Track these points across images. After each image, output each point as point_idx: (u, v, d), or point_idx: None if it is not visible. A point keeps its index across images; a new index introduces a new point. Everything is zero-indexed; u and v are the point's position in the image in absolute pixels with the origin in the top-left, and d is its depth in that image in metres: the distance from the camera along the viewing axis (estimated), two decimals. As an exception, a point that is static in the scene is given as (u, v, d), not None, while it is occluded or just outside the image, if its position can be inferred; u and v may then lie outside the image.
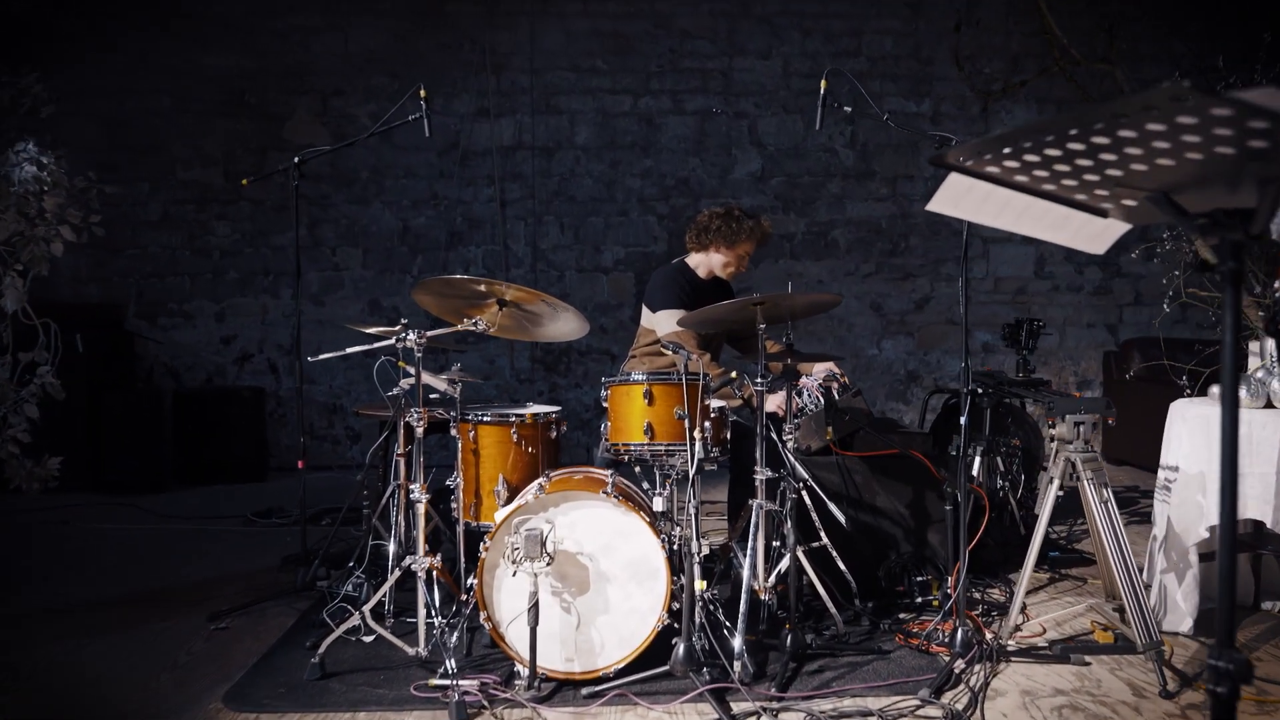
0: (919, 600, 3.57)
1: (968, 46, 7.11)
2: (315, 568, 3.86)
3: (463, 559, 3.43)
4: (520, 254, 7.06)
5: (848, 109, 3.21)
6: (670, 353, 3.04)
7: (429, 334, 2.96)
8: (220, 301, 7.00)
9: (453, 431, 3.48)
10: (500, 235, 7.02)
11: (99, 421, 6.15)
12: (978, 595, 3.71)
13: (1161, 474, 3.42)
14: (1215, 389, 3.39)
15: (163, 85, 6.86)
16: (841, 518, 3.14)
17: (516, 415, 3.44)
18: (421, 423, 2.95)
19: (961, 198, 1.40)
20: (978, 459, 4.29)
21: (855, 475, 3.75)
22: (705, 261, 4.09)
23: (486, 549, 2.91)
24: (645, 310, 4.08)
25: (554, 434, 3.53)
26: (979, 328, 7.21)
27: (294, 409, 6.98)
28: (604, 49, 7.02)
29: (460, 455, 3.46)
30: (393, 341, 2.94)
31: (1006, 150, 1.36)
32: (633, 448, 3.07)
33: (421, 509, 2.93)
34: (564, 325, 3.19)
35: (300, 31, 6.91)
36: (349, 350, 2.94)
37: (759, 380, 3.09)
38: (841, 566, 3.46)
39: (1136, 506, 5.49)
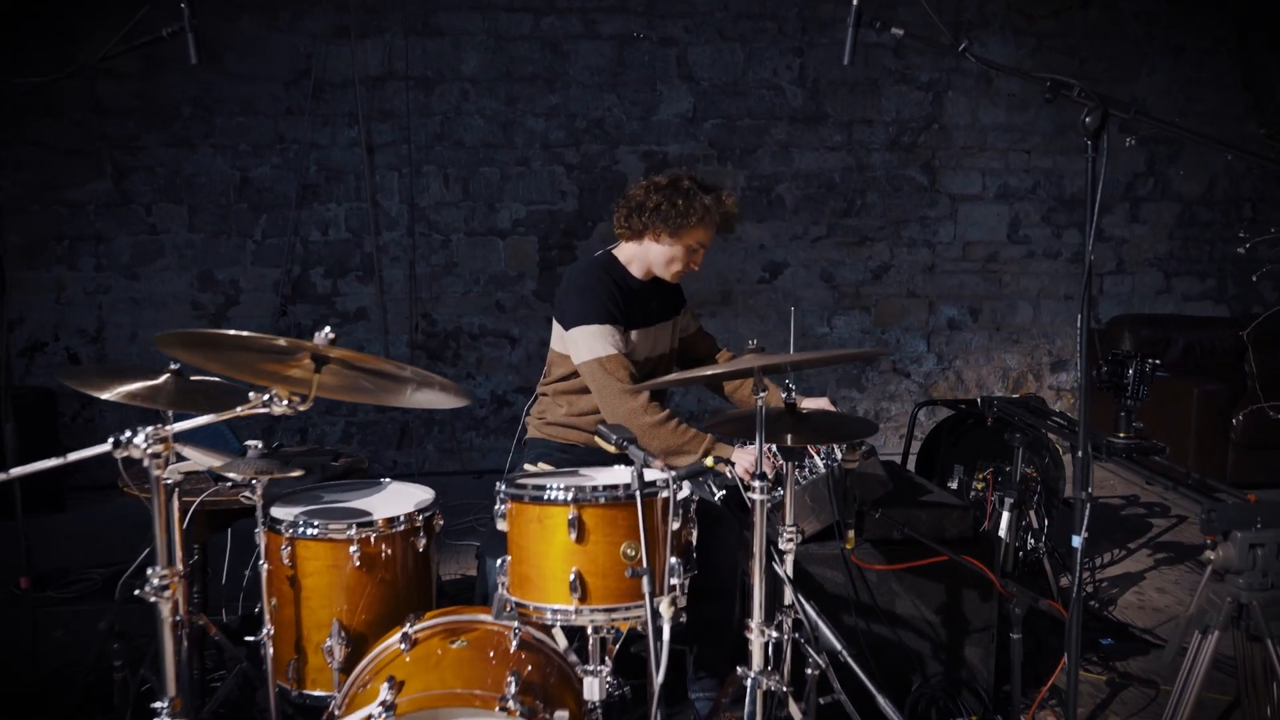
0: (965, 761, 2.49)
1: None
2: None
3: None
4: (394, 213, 5.63)
5: (897, 32, 1.99)
6: (613, 446, 1.80)
7: (176, 429, 1.63)
8: (-2, 275, 5.38)
9: (258, 538, 2.20)
10: (367, 189, 5.57)
11: None
12: (1033, 734, 2.65)
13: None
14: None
15: (-101, -15, 5.11)
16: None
17: (360, 523, 2.16)
18: (168, 593, 1.64)
19: None
20: (1005, 514, 3.28)
21: (866, 573, 2.62)
22: (641, 255, 2.84)
23: (293, 813, 1.65)
24: (556, 327, 2.82)
25: (422, 544, 2.26)
26: (944, 300, 6.15)
27: (102, 411, 5.48)
28: (496, -47, 5.56)
29: (267, 583, 2.17)
30: (109, 448, 1.60)
31: None
32: (549, 614, 1.82)
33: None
34: (423, 398, 1.91)
35: (91, -83, 5.22)
36: (45, 464, 1.59)
37: (756, 484, 1.87)
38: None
39: (1152, 532, 4.57)
